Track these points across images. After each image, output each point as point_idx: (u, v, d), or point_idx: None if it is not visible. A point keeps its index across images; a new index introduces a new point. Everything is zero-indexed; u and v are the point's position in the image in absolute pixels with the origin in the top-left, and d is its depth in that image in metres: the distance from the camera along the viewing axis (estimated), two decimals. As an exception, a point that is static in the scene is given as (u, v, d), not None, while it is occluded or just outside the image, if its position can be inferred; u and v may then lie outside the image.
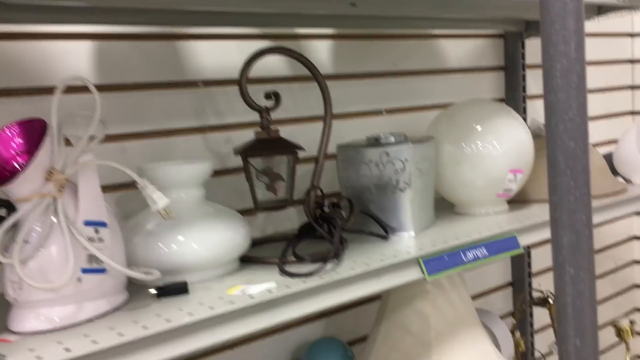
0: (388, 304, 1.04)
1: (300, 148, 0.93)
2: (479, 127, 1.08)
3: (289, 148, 0.91)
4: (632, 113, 1.87)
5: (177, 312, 0.69)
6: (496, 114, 1.10)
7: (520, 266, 1.59)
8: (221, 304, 0.70)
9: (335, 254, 0.83)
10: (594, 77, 1.79)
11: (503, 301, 1.61)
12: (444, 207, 1.16)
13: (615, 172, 1.37)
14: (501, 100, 1.52)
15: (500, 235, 0.98)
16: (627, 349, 1.38)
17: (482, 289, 1.56)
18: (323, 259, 0.81)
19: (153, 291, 0.74)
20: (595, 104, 1.79)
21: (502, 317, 1.60)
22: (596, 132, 1.74)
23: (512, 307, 1.62)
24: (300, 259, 0.85)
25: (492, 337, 1.31)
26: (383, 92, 1.31)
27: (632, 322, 1.41)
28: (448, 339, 0.98)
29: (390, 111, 1.33)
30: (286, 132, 0.98)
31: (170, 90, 1.01)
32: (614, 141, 1.66)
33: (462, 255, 0.93)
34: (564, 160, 0.63)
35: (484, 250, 0.95)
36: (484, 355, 0.99)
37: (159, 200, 0.72)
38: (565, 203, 0.64)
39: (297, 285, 0.76)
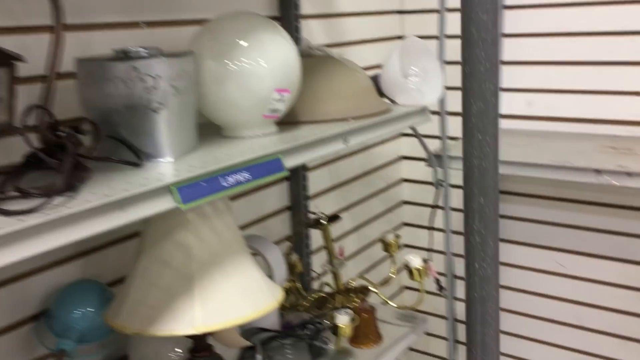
0: (147, 238, 0.95)
1: (19, 58, 0.76)
2: (243, 43, 1.00)
3: (1, 58, 0.74)
4: (400, 37, 1.94)
5: None
6: (262, 29, 1.02)
7: (297, 190, 1.60)
8: None
9: (68, 186, 0.71)
10: (364, 0, 1.81)
11: (281, 225, 1.61)
12: (211, 130, 1.07)
13: (382, 94, 1.40)
14: (276, 18, 1.46)
15: (263, 157, 0.93)
16: (393, 262, 1.47)
17: (260, 214, 1.54)
18: (49, 192, 0.68)
19: None
20: (365, 28, 1.82)
21: (280, 241, 1.60)
22: (366, 55, 1.78)
23: (290, 231, 1.63)
24: (25, 194, 0.71)
25: (264, 262, 1.30)
26: (141, 2, 1.16)
27: (397, 236, 1.50)
28: (211, 270, 0.92)
29: (153, 24, 1.19)
30: (13, 43, 0.80)
31: None
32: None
33: (223, 180, 0.86)
34: (477, 33, 0.67)
35: (247, 174, 0.89)
36: (250, 282, 0.96)
37: None
38: (476, 73, 0.70)
39: (14, 225, 0.62)
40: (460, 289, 2.04)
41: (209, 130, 1.06)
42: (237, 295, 0.93)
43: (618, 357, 1.81)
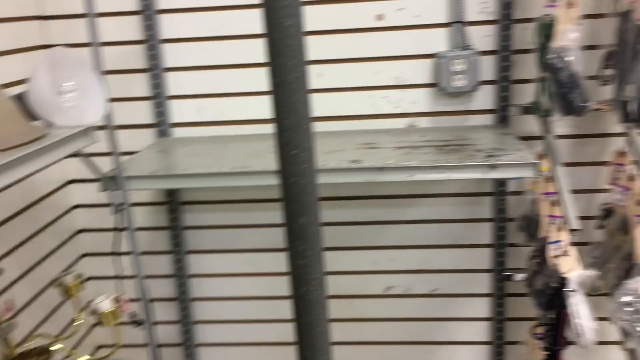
0: None
1: None
2: None
3: None
4: (46, 47, 1.69)
5: None
6: None
7: None
8: None
9: None
10: (-5, 4, 1.52)
11: None
12: None
13: (33, 116, 1.17)
14: None
15: None
16: (77, 304, 1.27)
17: None
18: None
19: None
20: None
21: None
22: (4, 70, 1.49)
23: None
24: None
25: None
26: None
27: (78, 276, 1.30)
28: None
29: None
30: None
31: None
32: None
33: None
34: (283, 40, 0.65)
35: None
36: None
37: None
38: (284, 84, 0.67)
39: None
40: (162, 312, 1.93)
41: None
42: None
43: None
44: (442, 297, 1.86)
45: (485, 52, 1.62)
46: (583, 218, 1.64)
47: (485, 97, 1.66)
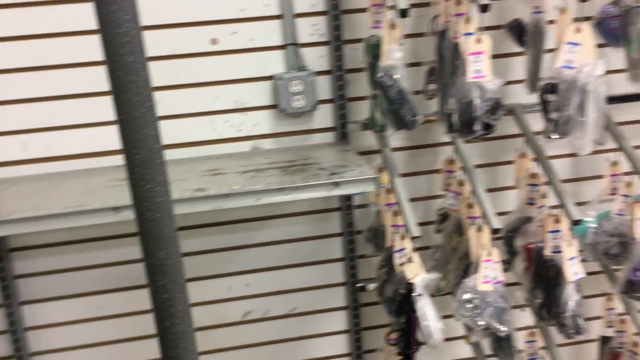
0: None
1: None
2: None
3: None
4: None
5: None
6: None
7: None
8: None
9: None
10: None
11: None
12: None
13: None
14: None
15: None
16: None
17: None
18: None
19: None
20: None
21: None
22: None
23: None
24: None
25: None
26: None
27: None
28: None
29: None
30: None
31: None
32: None
33: None
34: (126, 77, 0.65)
35: None
36: None
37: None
38: (132, 120, 0.67)
39: None
40: None
41: None
42: None
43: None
44: (300, 316, 1.87)
45: (320, 72, 1.67)
46: (423, 224, 1.74)
47: (324, 116, 1.71)
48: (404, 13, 1.27)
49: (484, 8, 1.25)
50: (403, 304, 1.46)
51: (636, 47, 1.47)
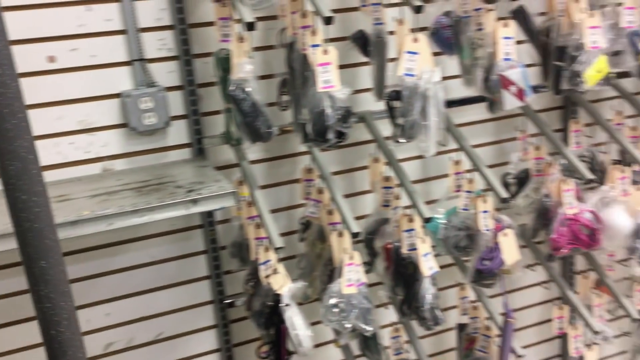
0: None
1: None
2: None
3: None
4: None
5: None
6: None
7: None
8: None
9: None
10: None
11: None
12: None
13: None
14: None
15: None
16: None
17: None
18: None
19: None
20: None
21: None
22: None
23: None
24: None
25: None
26: None
27: None
28: None
29: None
30: None
31: None
32: None
33: None
34: None
35: None
36: None
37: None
38: (3, 131, 0.67)
39: None
40: None
41: None
42: None
43: None
44: (168, 340, 1.80)
45: (171, 88, 1.62)
46: (287, 234, 1.75)
47: (179, 132, 1.66)
48: (250, 26, 1.27)
49: (328, 20, 1.28)
50: (271, 316, 1.46)
51: (468, 54, 1.60)
